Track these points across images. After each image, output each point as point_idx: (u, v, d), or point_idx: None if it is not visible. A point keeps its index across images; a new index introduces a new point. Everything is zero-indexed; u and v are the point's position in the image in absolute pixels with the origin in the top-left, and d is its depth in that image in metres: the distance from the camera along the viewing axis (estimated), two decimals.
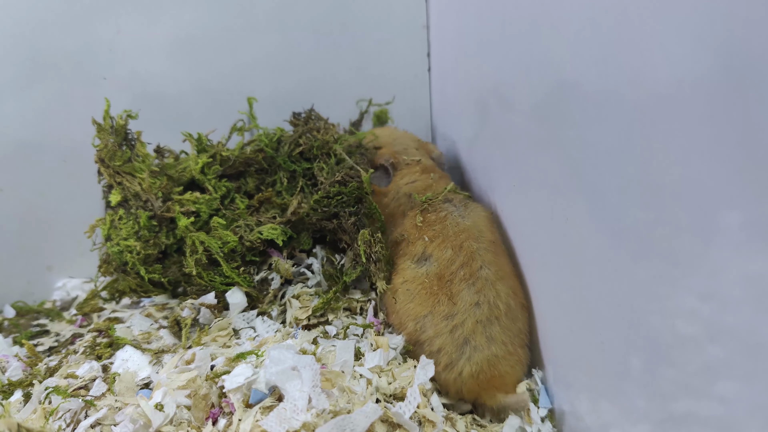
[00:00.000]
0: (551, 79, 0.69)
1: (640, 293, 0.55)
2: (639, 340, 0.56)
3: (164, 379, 0.77)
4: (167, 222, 1.01)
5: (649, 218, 0.51)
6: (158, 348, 0.90)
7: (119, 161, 1.01)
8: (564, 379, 0.78)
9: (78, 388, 0.81)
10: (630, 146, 0.53)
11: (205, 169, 1.04)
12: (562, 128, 0.67)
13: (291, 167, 1.07)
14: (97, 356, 0.89)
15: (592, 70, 0.58)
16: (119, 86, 1.17)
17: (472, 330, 0.84)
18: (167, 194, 1.01)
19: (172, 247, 1.02)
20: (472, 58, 1.02)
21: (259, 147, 1.07)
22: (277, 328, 0.92)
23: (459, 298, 0.85)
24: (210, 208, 1.01)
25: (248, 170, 1.07)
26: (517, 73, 0.80)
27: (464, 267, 0.87)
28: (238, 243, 0.98)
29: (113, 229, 1.02)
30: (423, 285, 0.90)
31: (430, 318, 0.86)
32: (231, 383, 0.72)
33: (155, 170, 1.02)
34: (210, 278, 0.98)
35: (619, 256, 0.58)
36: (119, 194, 1.02)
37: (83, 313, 1.05)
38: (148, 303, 1.03)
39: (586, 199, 0.63)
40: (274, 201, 1.03)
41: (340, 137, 1.11)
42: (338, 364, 0.81)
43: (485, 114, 0.98)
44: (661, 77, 0.47)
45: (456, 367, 0.84)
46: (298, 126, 1.13)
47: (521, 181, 0.85)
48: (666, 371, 0.52)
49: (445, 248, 0.90)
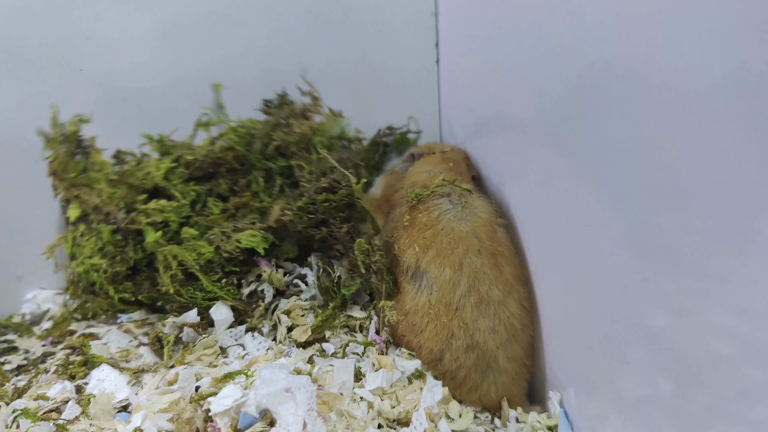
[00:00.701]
0: (570, 71, 0.69)
1: (668, 308, 0.55)
2: (668, 361, 0.56)
3: (144, 402, 0.77)
4: (133, 234, 1.01)
5: (678, 225, 0.52)
6: (138, 367, 0.91)
7: (73, 173, 1.01)
8: (585, 402, 0.78)
9: (49, 410, 0.81)
10: (656, 146, 0.53)
11: (169, 175, 1.03)
12: (582, 126, 0.68)
13: (266, 165, 1.06)
14: (71, 376, 0.90)
15: (616, 61, 0.59)
16: (98, 79, 1.17)
17: (494, 355, 0.87)
18: (130, 204, 1.01)
19: (142, 261, 1.02)
20: (484, 48, 1.03)
21: (229, 145, 1.06)
22: (269, 345, 0.93)
23: (475, 329, 0.86)
24: (179, 216, 1.01)
25: (219, 171, 1.07)
26: (533, 65, 0.81)
27: (472, 291, 0.87)
28: (215, 253, 0.97)
29: (76, 247, 1.01)
30: (430, 318, 0.88)
31: (448, 353, 0.87)
32: (218, 406, 0.73)
33: (114, 179, 1.01)
34: (190, 295, 0.98)
35: (645, 267, 0.58)
36: (78, 209, 1.01)
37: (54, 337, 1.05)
38: (126, 319, 1.04)
39: (608, 203, 0.64)
40: (251, 205, 1.03)
41: (319, 128, 1.09)
42: (336, 386, 0.81)
43: (498, 110, 0.98)
44: (693, 70, 0.48)
45: (480, 389, 0.87)
46: (271, 116, 1.12)
47: (537, 182, 0.85)
48: (698, 394, 0.52)
49: (441, 266, 0.88)
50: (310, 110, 1.14)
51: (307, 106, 1.15)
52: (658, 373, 0.58)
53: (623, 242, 0.62)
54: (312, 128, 1.08)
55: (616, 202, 0.62)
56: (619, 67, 0.58)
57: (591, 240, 0.69)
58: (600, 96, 0.63)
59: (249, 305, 1.00)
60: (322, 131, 1.09)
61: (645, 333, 0.59)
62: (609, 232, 0.65)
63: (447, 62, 1.30)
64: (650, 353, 0.59)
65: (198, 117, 1.14)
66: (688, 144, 0.49)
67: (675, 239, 0.52)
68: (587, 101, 0.66)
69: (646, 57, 0.54)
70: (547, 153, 0.80)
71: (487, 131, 1.08)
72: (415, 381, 0.87)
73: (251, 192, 1.05)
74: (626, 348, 0.64)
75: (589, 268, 0.71)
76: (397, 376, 0.87)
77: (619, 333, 0.65)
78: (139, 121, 1.10)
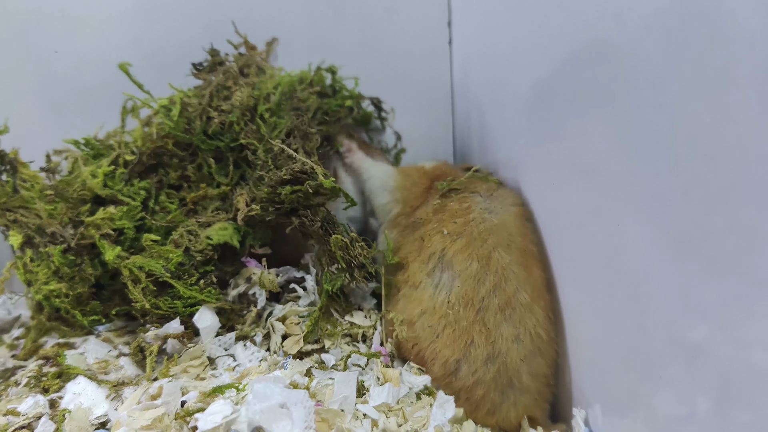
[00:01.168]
0: (597, 48, 0.68)
1: (709, 319, 0.54)
2: (707, 376, 0.55)
3: (125, 418, 0.77)
4: (87, 249, 0.99)
5: (720, 226, 0.51)
6: (118, 380, 0.90)
7: (3, 197, 0.99)
8: (613, 421, 0.77)
9: (20, 427, 0.81)
10: (696, 135, 0.52)
11: (108, 181, 1.01)
12: (611, 113, 0.67)
13: (213, 145, 1.03)
14: (44, 389, 0.89)
15: (649, 32, 0.58)
16: (73, 60, 1.17)
17: (516, 370, 0.85)
18: (75, 218, 0.99)
19: (104, 276, 1.00)
20: (501, 27, 1.02)
21: (165, 131, 1.03)
22: (262, 356, 0.92)
23: (498, 335, 0.85)
24: (133, 221, 1.00)
25: (162, 160, 1.04)
26: (553, 45, 0.80)
27: (497, 291, 0.86)
28: (185, 256, 0.96)
29: (29, 274, 1.00)
30: (448, 321, 0.87)
31: (466, 365, 0.86)
32: (206, 423, 0.72)
33: (49, 193, 0.99)
34: (169, 305, 0.96)
35: (683, 273, 0.57)
36: (19, 234, 0.99)
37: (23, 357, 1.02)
38: (104, 328, 1.03)
39: (642, 201, 0.63)
40: (209, 193, 1.02)
41: (261, 92, 1.05)
42: (337, 401, 0.80)
43: (516, 93, 0.97)
44: (740, 37, 0.46)
45: (498, 413, 0.86)
46: (204, 81, 1.09)
47: (560, 176, 0.84)
48: (740, 414, 0.51)
49: (469, 258, 0.88)
50: (248, 64, 1.11)
51: (245, 59, 1.12)
52: (696, 390, 0.57)
53: (658, 245, 0.61)
54: (253, 93, 1.04)
55: (650, 198, 0.61)
56: (651, 40, 0.57)
57: (622, 242, 0.68)
58: (631, 76, 0.62)
59: (238, 306, 0.99)
60: (266, 90, 1.05)
61: (682, 346, 0.58)
62: (642, 233, 0.64)
63: (460, 43, 1.29)
64: (688, 368, 0.58)
65: (123, 103, 1.10)
66: (734, 133, 0.48)
67: (717, 241, 0.51)
68: (616, 84, 0.65)
69: (683, 25, 0.52)
70: (572, 143, 0.79)
71: (503, 117, 1.07)
72: (423, 397, 0.86)
73: (204, 174, 1.04)
74: (661, 362, 0.63)
75: (620, 273, 0.70)
76: (404, 392, 0.86)
77: (653, 346, 0.64)
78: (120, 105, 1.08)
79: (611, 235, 0.71)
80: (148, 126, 1.07)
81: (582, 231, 0.80)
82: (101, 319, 1.00)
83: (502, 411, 0.85)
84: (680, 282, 0.58)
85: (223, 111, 1.03)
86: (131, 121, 1.10)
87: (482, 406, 0.86)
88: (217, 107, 1.03)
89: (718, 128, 0.50)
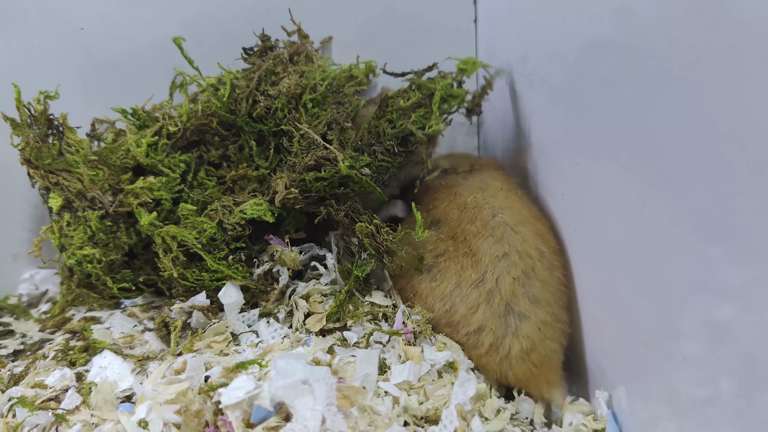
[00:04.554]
0: (627, 29, 0.68)
1: (734, 300, 0.54)
2: (731, 358, 0.55)
3: (149, 392, 0.78)
4: (124, 218, 1.01)
5: (748, 208, 0.50)
6: (143, 354, 0.92)
7: (48, 158, 1.00)
8: (636, 403, 0.77)
9: (47, 399, 0.83)
10: (723, 114, 0.52)
11: (150, 152, 1.02)
12: (638, 94, 0.66)
13: (256, 128, 1.04)
14: (71, 362, 0.91)
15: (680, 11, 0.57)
16: (100, 38, 1.17)
17: (510, 291, 0.85)
18: (115, 186, 1.00)
19: (137, 245, 1.02)
20: (527, 5, 1.01)
21: (211, 110, 1.04)
22: (285, 333, 0.93)
23: (481, 254, 0.87)
24: (171, 192, 1.01)
25: (205, 137, 1.06)
26: (582, 27, 0.79)
27: (474, 221, 0.91)
28: (218, 230, 0.97)
29: (64, 238, 1.01)
30: (439, 252, 0.93)
31: (458, 291, 0.87)
32: (229, 398, 0.73)
33: (93, 159, 1.01)
34: (196, 277, 0.98)
35: (708, 253, 0.57)
36: (59, 197, 1.01)
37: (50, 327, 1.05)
38: (130, 303, 1.05)
39: (668, 181, 0.62)
40: (249, 174, 1.03)
41: (309, 82, 1.05)
42: (358, 379, 0.81)
43: (542, 75, 0.97)
44: None
45: (502, 347, 0.85)
46: (252, 66, 1.09)
47: (585, 156, 0.84)
48: (764, 397, 0.51)
49: (450, 210, 0.96)
50: (299, 52, 1.11)
51: (296, 47, 1.12)
52: (720, 372, 0.57)
53: (684, 226, 0.61)
54: (300, 82, 1.05)
55: (674, 178, 0.61)
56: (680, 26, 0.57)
57: (645, 222, 0.68)
58: (659, 58, 0.61)
59: (263, 285, 1.00)
60: (313, 80, 1.06)
61: (706, 327, 0.58)
62: (666, 212, 0.64)
63: (486, 21, 1.28)
64: (712, 350, 0.58)
65: (173, 78, 1.12)
66: (761, 113, 0.47)
67: (743, 222, 0.51)
68: (643, 65, 0.65)
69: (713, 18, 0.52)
70: (598, 123, 0.79)
71: (528, 98, 1.06)
72: (445, 375, 0.87)
73: (244, 155, 1.05)
74: (685, 344, 0.63)
75: (643, 253, 0.70)
76: (426, 369, 0.86)
77: (676, 327, 0.64)
78: (155, 83, 1.10)
79: (636, 215, 0.70)
80: (194, 103, 1.08)
81: (607, 211, 0.80)
82: (131, 287, 1.02)
83: (506, 344, 0.85)
84: (705, 263, 0.57)
85: (270, 96, 1.04)
86: (178, 96, 1.12)
87: (484, 341, 0.86)
88: (264, 92, 1.04)
89: (744, 108, 0.49)
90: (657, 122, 0.63)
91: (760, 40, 0.47)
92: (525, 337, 0.85)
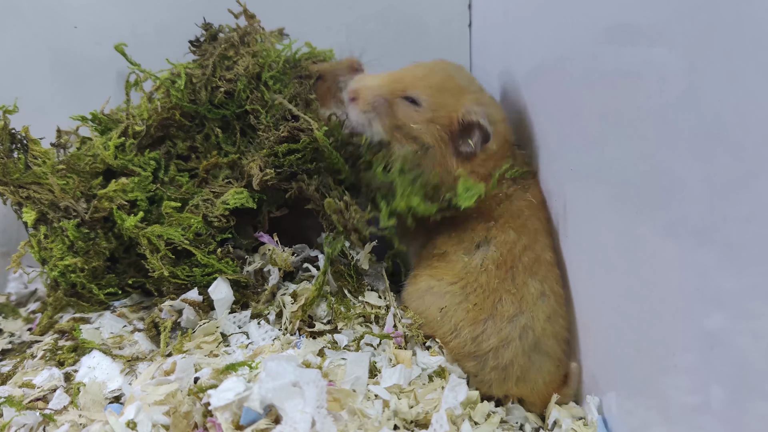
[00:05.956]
0: (620, 32, 0.68)
1: (726, 308, 0.54)
2: (722, 366, 0.55)
3: (138, 392, 0.78)
4: (101, 223, 1.00)
5: (741, 215, 0.51)
6: (132, 354, 0.91)
7: (16, 173, 0.99)
8: (627, 409, 0.77)
9: (35, 399, 0.82)
10: (717, 122, 0.52)
11: (119, 153, 1.02)
12: (631, 99, 0.66)
13: (219, 113, 1.04)
14: (59, 362, 0.90)
15: (674, 17, 0.57)
16: (95, 37, 1.17)
17: (542, 330, 0.86)
18: (87, 192, 0.99)
19: (118, 249, 1.01)
20: (521, 10, 1.01)
21: (173, 103, 1.03)
22: (276, 335, 0.93)
23: (525, 291, 0.86)
24: (145, 191, 1.00)
25: (169, 131, 1.06)
26: (575, 29, 0.79)
27: (528, 250, 0.89)
28: (203, 224, 0.98)
29: (44, 251, 1.00)
30: (479, 282, 0.90)
31: (492, 323, 0.87)
32: (218, 400, 0.73)
33: (61, 168, 1.00)
34: (187, 274, 0.98)
35: (701, 260, 0.57)
36: (32, 210, 0.99)
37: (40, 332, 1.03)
38: (119, 304, 1.04)
39: (662, 189, 0.62)
40: (220, 162, 1.03)
41: (266, 60, 1.06)
42: (349, 381, 0.81)
43: (537, 80, 0.97)
44: None
45: (528, 381, 0.87)
46: (203, 55, 1.08)
47: (579, 161, 0.84)
48: (755, 405, 0.51)
49: (507, 229, 0.92)
50: (249, 32, 1.10)
51: (245, 28, 1.11)
52: (711, 379, 0.57)
53: (676, 231, 0.61)
54: (257, 61, 1.05)
55: (669, 184, 0.61)
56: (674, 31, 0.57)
57: (639, 227, 0.68)
58: (653, 64, 0.61)
59: (253, 282, 1.00)
60: (269, 58, 1.06)
61: (698, 334, 0.58)
62: (660, 218, 0.64)
63: (480, 26, 1.28)
64: (703, 357, 0.58)
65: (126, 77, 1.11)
66: (756, 121, 0.47)
67: (736, 230, 0.51)
68: (636, 70, 0.65)
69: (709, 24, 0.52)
70: (591, 129, 0.79)
71: (522, 100, 1.06)
72: (436, 379, 0.87)
73: (211, 143, 1.05)
74: (676, 350, 0.63)
75: (637, 259, 0.70)
76: (417, 373, 0.86)
77: (668, 334, 0.64)
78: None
79: (629, 222, 0.70)
80: (151, 102, 1.08)
81: (600, 218, 0.80)
82: (117, 292, 1.01)
83: (531, 378, 0.86)
84: (698, 270, 0.57)
85: (229, 80, 1.04)
86: (135, 98, 1.11)
87: (512, 374, 0.86)
88: (221, 77, 1.04)
89: (740, 117, 0.49)
90: (650, 129, 0.63)
91: (755, 46, 0.47)
92: (548, 372, 0.88)
